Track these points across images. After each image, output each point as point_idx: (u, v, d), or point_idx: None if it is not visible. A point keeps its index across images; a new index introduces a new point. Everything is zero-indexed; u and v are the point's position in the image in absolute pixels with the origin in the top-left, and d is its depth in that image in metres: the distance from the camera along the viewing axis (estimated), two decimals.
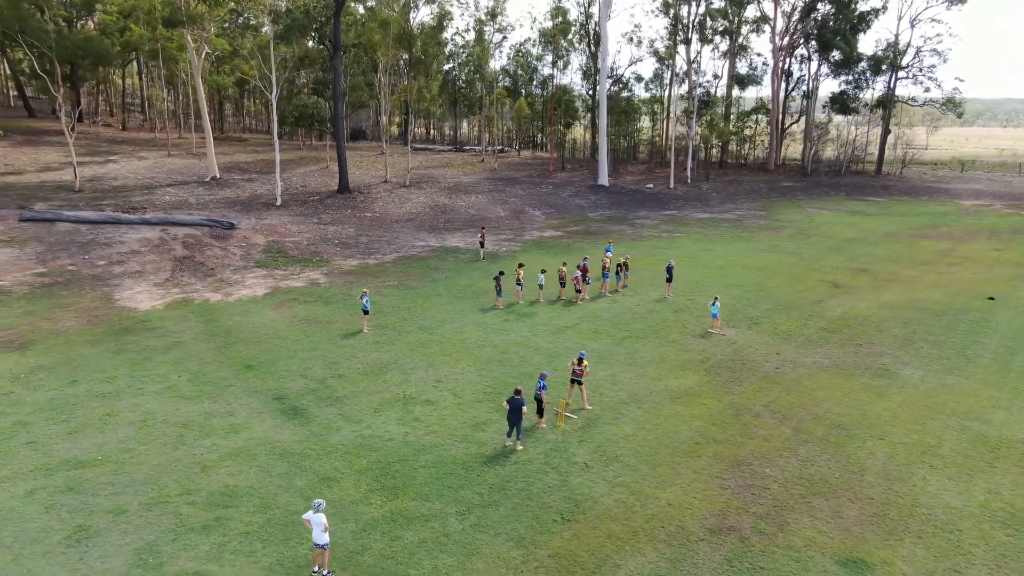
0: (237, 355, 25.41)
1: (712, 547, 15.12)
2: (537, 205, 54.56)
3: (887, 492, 17.21)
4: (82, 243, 38.85)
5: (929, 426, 20.60)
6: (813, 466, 18.36)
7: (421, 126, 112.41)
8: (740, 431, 20.20)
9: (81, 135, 78.56)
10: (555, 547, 15.06)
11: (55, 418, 20.47)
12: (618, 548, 15.04)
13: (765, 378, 23.93)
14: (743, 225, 50.66)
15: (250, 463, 18.23)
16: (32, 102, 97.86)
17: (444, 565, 14.46)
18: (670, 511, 16.37)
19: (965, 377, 24.22)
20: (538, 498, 16.83)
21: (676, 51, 70.50)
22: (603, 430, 20.19)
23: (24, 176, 55.46)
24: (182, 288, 33.49)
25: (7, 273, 33.92)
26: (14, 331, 27.24)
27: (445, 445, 19.25)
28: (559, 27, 70.21)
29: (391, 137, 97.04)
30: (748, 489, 17.30)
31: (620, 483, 17.51)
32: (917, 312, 31.14)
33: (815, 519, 16.13)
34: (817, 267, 38.78)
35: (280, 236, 42.69)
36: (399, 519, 15.96)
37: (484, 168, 69.11)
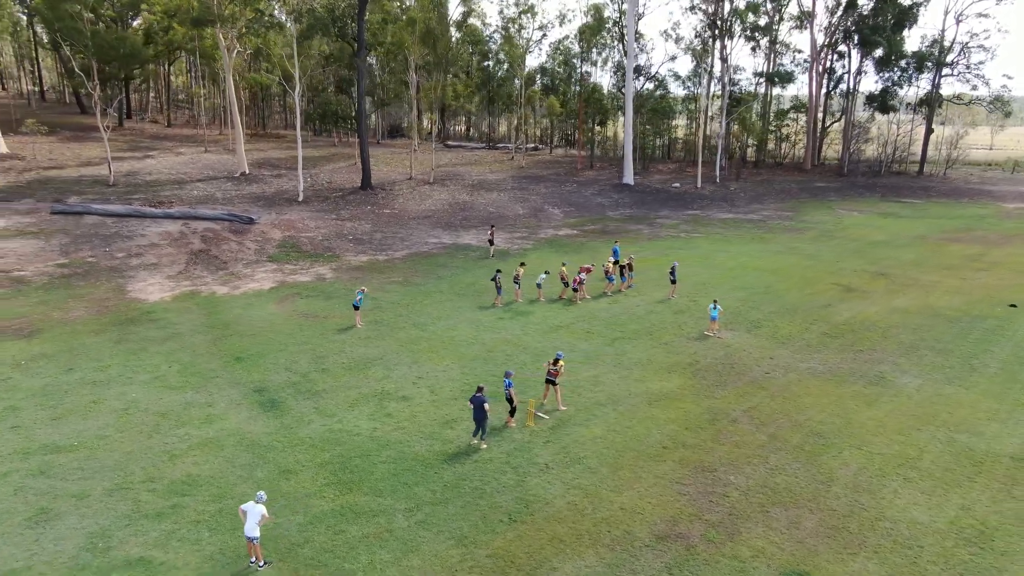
0: (230, 347, 25.96)
1: (655, 554, 14.84)
2: (557, 203, 54.29)
3: (851, 504, 16.63)
4: (105, 236, 40.19)
5: (914, 437, 19.83)
6: (780, 475, 17.85)
7: (461, 124, 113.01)
8: (712, 436, 19.76)
9: (127, 131, 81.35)
10: (495, 547, 14.98)
11: (44, 404, 21.24)
12: (559, 551, 14.89)
13: (752, 383, 23.36)
14: (765, 226, 49.52)
15: (216, 453, 18.61)
16: (84, 99, 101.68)
17: (380, 561, 14.53)
18: (621, 515, 16.13)
19: (966, 387, 23.23)
20: (490, 497, 16.76)
21: (712, 47, 69.28)
22: (572, 431, 20.00)
23: (65, 170, 57.60)
24: (193, 281, 34.36)
25: (30, 263, 35.32)
26: (25, 319, 28.34)
27: (410, 442, 19.32)
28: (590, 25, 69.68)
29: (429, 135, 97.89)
30: (707, 496, 16.92)
31: (577, 485, 17.32)
32: (929, 318, 29.99)
33: (769, 529, 15.69)
34: (833, 270, 37.67)
35: (296, 231, 43.43)
36: (347, 513, 16.09)
37: (512, 166, 69.08)
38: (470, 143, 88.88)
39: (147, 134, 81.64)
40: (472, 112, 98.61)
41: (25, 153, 61.56)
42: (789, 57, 78.48)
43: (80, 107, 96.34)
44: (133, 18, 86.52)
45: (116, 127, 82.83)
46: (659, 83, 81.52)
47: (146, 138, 78.10)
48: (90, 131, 78.10)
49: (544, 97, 79.84)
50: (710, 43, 68.10)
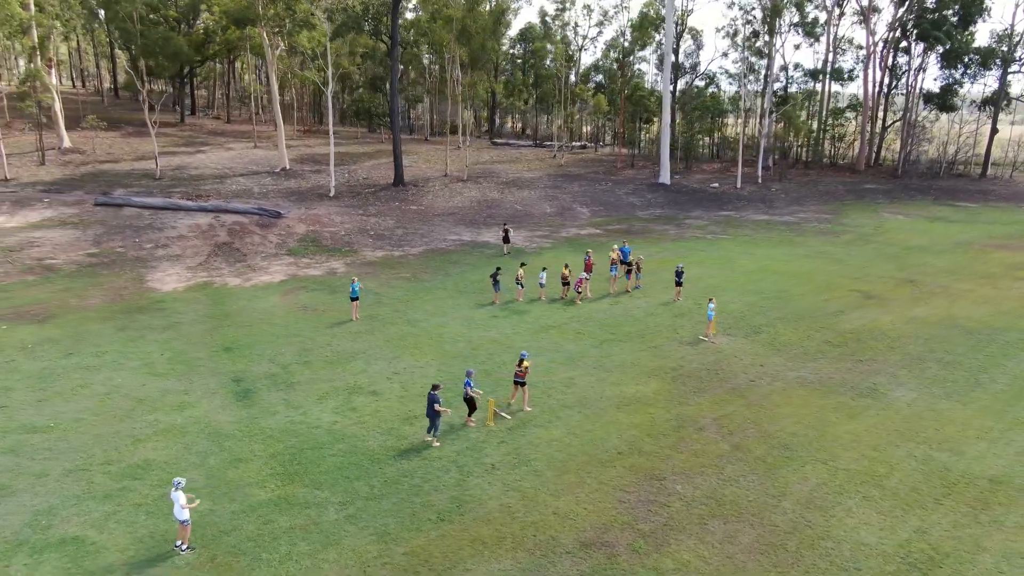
0: (223, 337, 26.72)
1: (574, 562, 14.54)
2: (587, 202, 53.70)
3: (797, 521, 15.90)
4: (138, 227, 41.95)
5: (888, 453, 18.81)
6: (731, 486, 17.21)
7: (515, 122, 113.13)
8: (673, 444, 19.21)
9: (188, 127, 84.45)
10: (415, 546, 14.96)
11: (35, 386, 22.33)
12: (476, 553, 14.75)
13: (732, 390, 22.59)
14: (799, 228, 47.75)
15: (177, 440, 19.18)
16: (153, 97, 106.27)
17: (298, 552, 14.70)
18: (552, 520, 15.86)
19: (963, 403, 21.88)
20: (426, 495, 16.74)
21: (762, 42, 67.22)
22: (530, 432, 19.77)
23: (119, 164, 60.37)
24: (209, 272, 35.51)
25: (63, 252, 37.19)
26: (43, 305, 29.85)
27: (366, 436, 19.47)
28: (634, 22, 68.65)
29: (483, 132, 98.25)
30: (647, 505, 16.47)
31: (517, 487, 17.11)
32: (946, 329, 28.35)
33: (701, 542, 15.15)
34: (858, 275, 36.04)
35: (321, 226, 44.34)
36: (281, 504, 16.34)
37: (552, 164, 68.72)
38: (518, 141, 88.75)
39: (206, 130, 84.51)
40: (522, 110, 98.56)
41: (86, 147, 64.80)
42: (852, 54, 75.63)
43: (149, 106, 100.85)
44: (195, 19, 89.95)
45: (178, 123, 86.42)
46: (710, 80, 79.74)
47: (204, 134, 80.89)
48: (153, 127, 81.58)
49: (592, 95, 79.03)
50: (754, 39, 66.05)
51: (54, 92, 64.56)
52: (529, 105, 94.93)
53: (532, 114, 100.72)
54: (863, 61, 70.39)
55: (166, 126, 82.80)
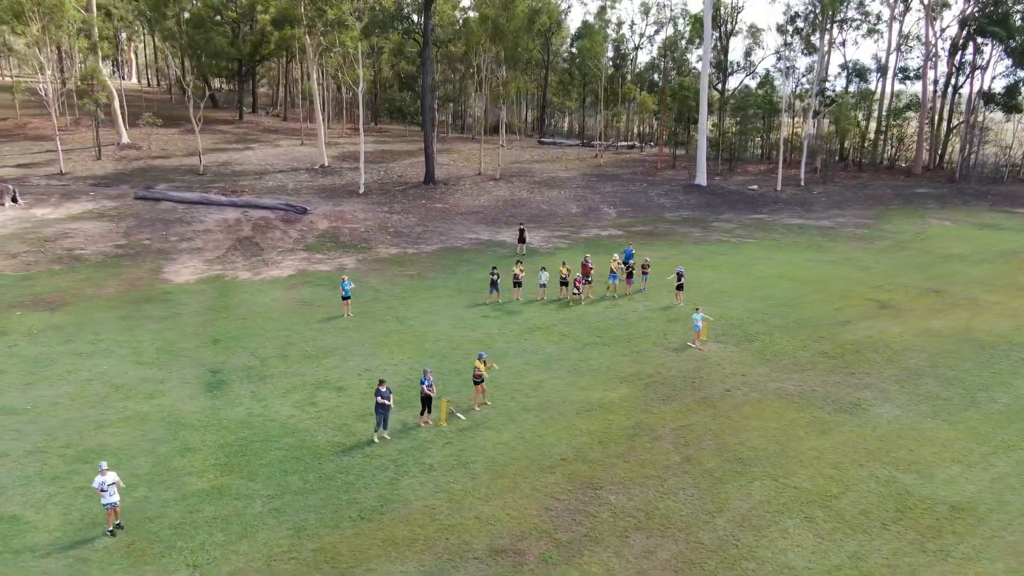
0: (215, 329, 27.47)
1: (478, 567, 14.31)
2: (616, 203, 52.87)
3: (725, 539, 15.22)
4: (169, 220, 43.60)
5: (848, 472, 17.81)
6: (668, 499, 16.62)
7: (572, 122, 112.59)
8: (622, 452, 18.70)
9: (244, 124, 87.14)
10: (326, 542, 15.01)
11: (27, 370, 23.46)
12: (384, 553, 14.69)
13: (703, 400, 21.83)
14: (832, 234, 45.76)
15: (138, 427, 19.82)
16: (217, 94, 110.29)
17: (212, 542, 14.96)
18: (471, 524, 15.66)
19: (951, 423, 20.53)
20: (355, 493, 16.79)
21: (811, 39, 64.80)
22: (480, 434, 19.59)
23: (170, 159, 62.89)
24: (225, 265, 36.58)
25: (93, 243, 38.99)
26: (60, 294, 31.34)
27: (317, 431, 19.68)
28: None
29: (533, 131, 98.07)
30: (574, 514, 16.07)
31: (448, 489, 16.98)
32: (959, 343, 26.66)
33: (617, 556, 14.69)
34: (880, 284, 34.28)
35: (343, 222, 45.10)
36: (213, 494, 16.67)
37: (591, 164, 68.00)
38: (565, 141, 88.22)
39: (261, 127, 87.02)
40: (573, 109, 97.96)
41: (142, 143, 67.77)
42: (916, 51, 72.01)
43: (212, 101, 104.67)
44: (252, 20, 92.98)
45: (236, 121, 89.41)
46: (765, 79, 77.37)
47: (258, 131, 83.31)
48: (212, 124, 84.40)
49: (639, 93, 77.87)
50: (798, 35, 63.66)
51: (112, 90, 67.77)
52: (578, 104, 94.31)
53: (580, 114, 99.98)
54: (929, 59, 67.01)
55: (224, 123, 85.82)
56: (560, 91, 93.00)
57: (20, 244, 38.13)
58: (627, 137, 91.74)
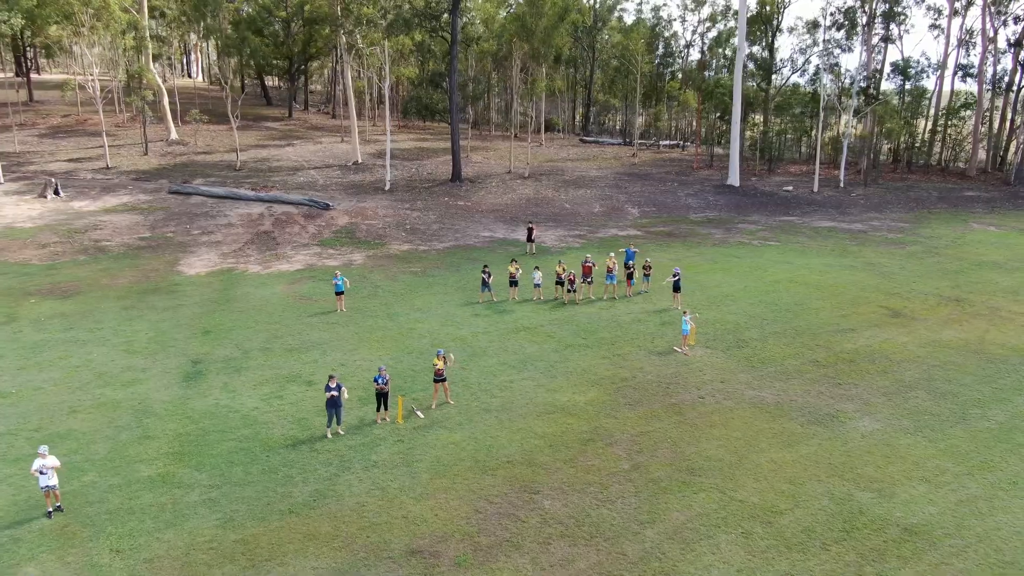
0: (209, 321, 28.15)
1: (389, 567, 14.22)
2: (641, 203, 51.95)
3: (651, 552, 14.73)
4: (195, 214, 44.97)
5: (803, 488, 17.00)
6: (603, 507, 16.19)
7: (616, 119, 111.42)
8: (570, 457, 18.32)
9: (293, 122, 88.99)
10: (248, 535, 15.17)
11: (24, 355, 24.51)
12: (302, 548, 14.76)
13: (672, 406, 21.21)
14: (862, 238, 43.86)
15: (108, 414, 20.44)
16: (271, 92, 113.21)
17: (141, 529, 15.30)
18: (396, 523, 15.58)
19: (932, 439, 19.39)
20: (292, 486, 16.92)
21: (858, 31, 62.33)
22: (433, 433, 19.50)
23: (212, 156, 64.85)
24: (238, 259, 37.47)
25: (119, 235, 40.53)
26: (76, 283, 32.66)
27: (275, 424, 19.93)
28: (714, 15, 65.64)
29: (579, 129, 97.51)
30: (502, 518, 15.81)
31: (384, 487, 16.94)
32: (966, 355, 25.17)
33: (533, 562, 14.38)
34: (898, 291, 32.68)
35: (362, 219, 45.65)
36: (156, 482, 17.06)
37: (626, 162, 67.07)
38: (608, 139, 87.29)
39: (308, 125, 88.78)
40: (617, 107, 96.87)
41: (190, 139, 70.10)
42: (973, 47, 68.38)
43: (266, 99, 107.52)
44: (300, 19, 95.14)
45: (285, 118, 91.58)
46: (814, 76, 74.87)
47: (304, 128, 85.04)
48: (261, 121, 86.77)
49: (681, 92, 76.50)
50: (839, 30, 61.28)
51: (161, 88, 70.28)
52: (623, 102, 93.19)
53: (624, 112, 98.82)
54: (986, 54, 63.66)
55: (274, 120, 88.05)
56: (605, 89, 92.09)
57: (51, 235, 39.95)
58: (672, 136, 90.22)
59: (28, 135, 69.23)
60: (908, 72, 61.25)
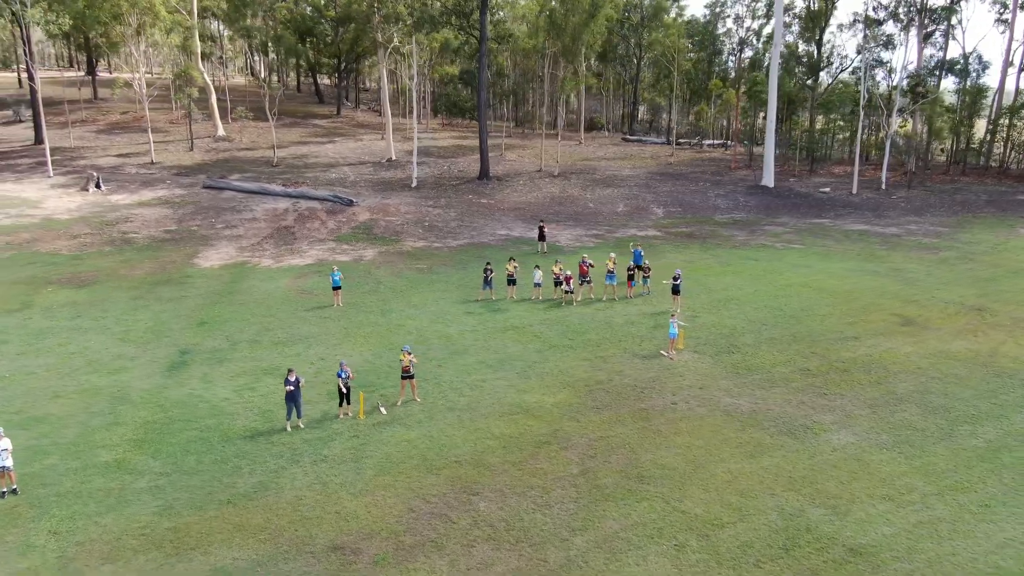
0: (207, 312, 28.85)
1: (308, 563, 14.26)
2: (667, 203, 50.90)
3: (574, 560, 14.36)
4: (223, 208, 46.22)
5: (753, 501, 16.31)
6: (538, 512, 15.88)
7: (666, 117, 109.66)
8: (521, 460, 18.04)
9: (341, 119, 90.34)
10: (182, 523, 15.43)
11: (27, 341, 25.61)
12: (228, 538, 14.94)
13: (640, 412, 20.67)
14: (893, 242, 41.90)
15: (87, 400, 21.16)
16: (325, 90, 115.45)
17: (83, 512, 15.75)
18: (328, 518, 15.62)
19: (909, 456, 18.35)
20: (238, 477, 17.17)
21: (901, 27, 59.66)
22: (390, 431, 19.49)
23: (254, 152, 66.54)
24: (254, 253, 38.33)
25: (146, 228, 41.98)
26: (95, 273, 33.94)
27: (240, 415, 20.27)
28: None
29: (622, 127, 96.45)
30: (435, 518, 15.68)
31: (326, 482, 17.02)
32: (972, 367, 23.75)
33: (451, 565, 14.20)
34: (917, 299, 31.08)
35: (383, 215, 46.09)
36: (111, 467, 17.55)
37: (662, 162, 65.88)
38: (652, 138, 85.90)
39: (354, 122, 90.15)
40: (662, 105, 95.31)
41: (235, 136, 72.12)
42: None
43: (319, 97, 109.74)
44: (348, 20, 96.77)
45: (333, 115, 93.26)
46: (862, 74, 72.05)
47: (350, 126, 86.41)
48: (309, 118, 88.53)
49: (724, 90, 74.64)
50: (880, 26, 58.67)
51: (209, 86, 72.51)
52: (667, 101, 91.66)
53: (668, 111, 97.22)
54: None
55: (322, 118, 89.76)
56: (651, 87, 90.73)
57: (84, 227, 41.68)
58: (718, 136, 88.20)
59: (86, 131, 72.51)
60: (959, 69, 58.18)
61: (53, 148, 61.61)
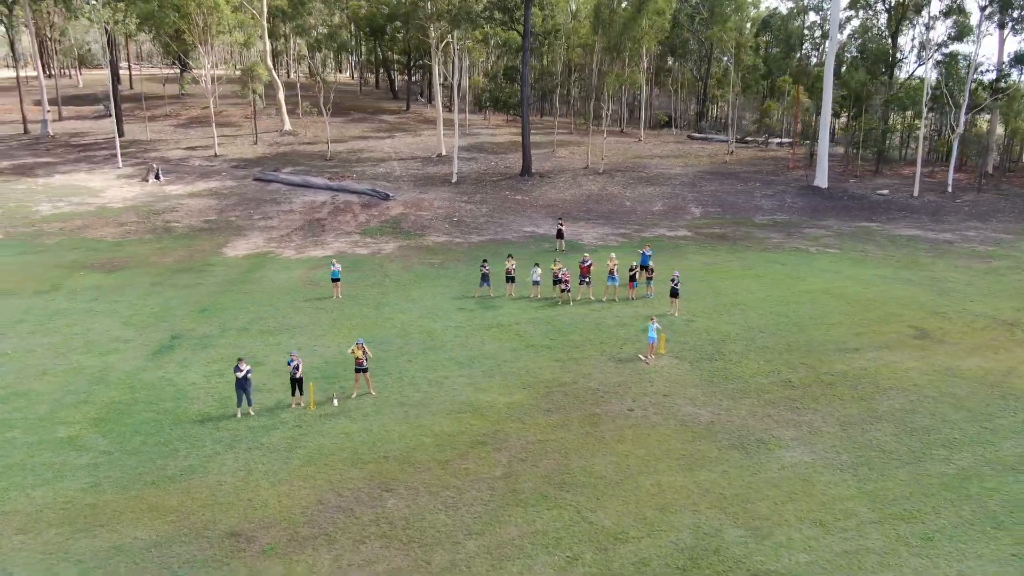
0: (213, 300, 29.95)
1: (200, 546, 14.58)
2: (707, 203, 49.11)
3: (457, 563, 14.10)
4: (264, 200, 47.88)
5: (670, 517, 15.53)
6: (442, 513, 15.67)
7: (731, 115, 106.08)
8: (448, 459, 17.85)
9: (408, 114, 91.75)
10: (103, 500, 16.07)
11: (41, 321, 27.31)
12: (138, 518, 15.45)
13: (591, 416, 20.05)
14: (943, 249, 38.90)
15: (71, 378, 22.35)
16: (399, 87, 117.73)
17: (18, 484, 16.65)
18: (237, 504, 15.93)
19: (863, 480, 17.02)
20: (171, 460, 17.73)
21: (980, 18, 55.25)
22: (334, 423, 19.68)
23: (314, 146, 68.51)
24: (280, 243, 39.54)
25: (188, 218, 44.00)
26: (128, 259, 35.84)
27: (199, 400, 20.94)
28: None
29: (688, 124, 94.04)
30: (339, 511, 15.73)
31: (251, 468, 17.36)
32: (976, 387, 21.79)
33: (336, 559, 14.21)
34: (944, 310, 28.78)
35: (416, 210, 46.58)
36: (63, 443, 18.48)
37: (716, 161, 63.68)
38: (717, 135, 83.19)
39: (420, 118, 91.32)
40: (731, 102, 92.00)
41: (301, 131, 74.56)
42: None
43: (393, 94, 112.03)
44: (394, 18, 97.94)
45: (401, 111, 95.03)
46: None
47: (415, 121, 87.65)
48: (378, 114, 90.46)
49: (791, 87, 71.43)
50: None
51: (277, 82, 75.20)
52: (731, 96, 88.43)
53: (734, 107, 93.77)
54: None
55: (390, 113, 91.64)
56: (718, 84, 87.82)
57: (132, 215, 44.10)
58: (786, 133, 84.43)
59: (167, 125, 76.67)
60: None
61: (132, 141, 65.52)
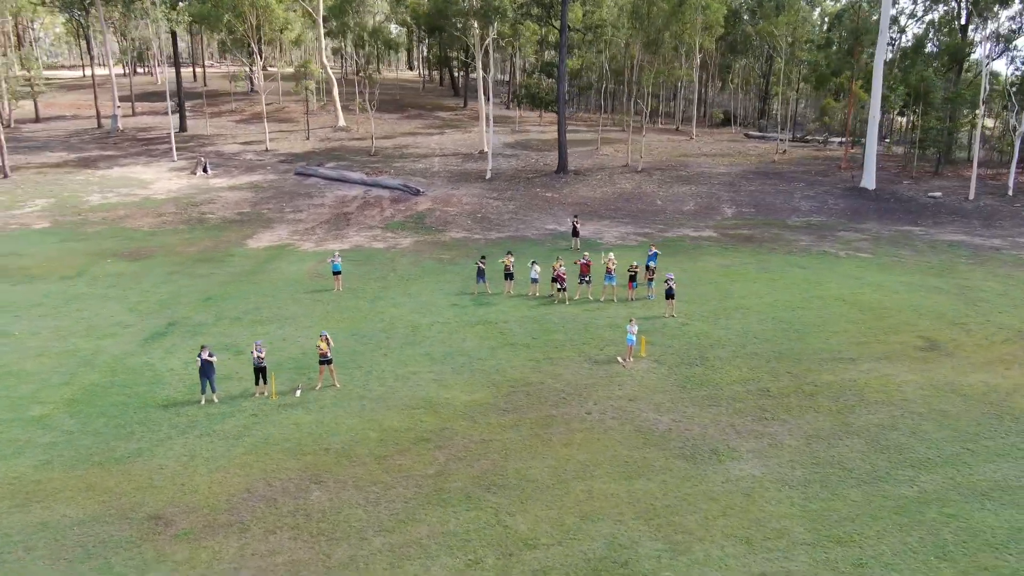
0: (220, 289, 30.85)
1: (119, 527, 15.01)
2: (742, 203, 47.35)
3: (357, 559, 14.04)
4: (298, 194, 49.05)
5: (592, 526, 15.03)
6: (361, 508, 15.63)
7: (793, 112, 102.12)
8: (386, 455, 17.81)
9: (465, 111, 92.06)
10: (47, 478, 16.76)
11: (57, 304, 28.75)
12: (74, 496, 16.01)
13: (545, 418, 19.62)
14: (984, 256, 36.23)
15: (63, 360, 23.43)
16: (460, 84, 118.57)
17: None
18: (168, 488, 16.33)
19: (809, 499, 16.02)
20: (123, 442, 18.34)
21: None
22: (289, 413, 19.93)
23: (363, 142, 69.70)
24: (302, 236, 40.42)
25: (223, 210, 45.51)
26: (156, 248, 37.34)
27: (170, 385, 21.60)
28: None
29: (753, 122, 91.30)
30: (263, 501, 15.91)
31: (195, 455, 17.75)
32: (973, 405, 20.20)
33: (242, 548, 14.38)
34: (964, 321, 26.82)
35: (443, 206, 46.79)
36: (32, 422, 19.37)
37: (764, 160, 61.42)
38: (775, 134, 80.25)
39: (474, 115, 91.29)
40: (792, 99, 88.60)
41: (354, 127, 76.09)
42: None
43: (455, 91, 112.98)
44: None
45: (458, 108, 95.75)
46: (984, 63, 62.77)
47: (468, 118, 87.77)
48: (435, 111, 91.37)
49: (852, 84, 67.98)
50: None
51: (332, 78, 76.90)
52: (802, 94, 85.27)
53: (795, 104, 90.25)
54: None
55: (447, 110, 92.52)
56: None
57: (172, 206, 45.96)
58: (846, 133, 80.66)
59: (229, 120, 79.54)
60: None
61: (192, 136, 68.28)
